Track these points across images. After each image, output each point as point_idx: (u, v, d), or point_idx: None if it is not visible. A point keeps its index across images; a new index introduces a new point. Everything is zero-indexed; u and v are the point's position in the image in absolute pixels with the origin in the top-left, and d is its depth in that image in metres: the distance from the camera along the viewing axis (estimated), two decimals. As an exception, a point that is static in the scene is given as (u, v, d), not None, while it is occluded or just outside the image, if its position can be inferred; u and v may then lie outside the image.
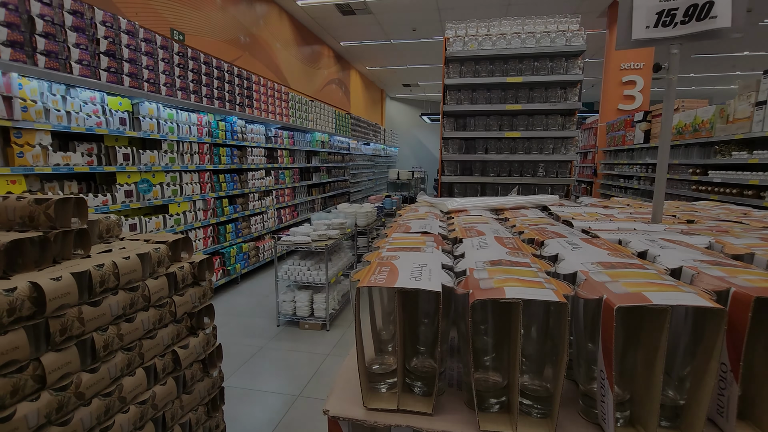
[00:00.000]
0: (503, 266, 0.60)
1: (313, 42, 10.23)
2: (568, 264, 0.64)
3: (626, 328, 0.48)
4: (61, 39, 3.25)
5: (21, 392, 1.10)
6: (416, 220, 0.99)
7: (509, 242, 0.77)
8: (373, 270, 0.57)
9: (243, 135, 5.86)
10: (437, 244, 0.75)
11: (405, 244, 0.73)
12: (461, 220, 1.04)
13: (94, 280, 1.29)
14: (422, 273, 0.55)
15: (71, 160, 3.33)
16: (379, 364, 0.56)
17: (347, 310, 4.69)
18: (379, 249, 0.73)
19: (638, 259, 0.65)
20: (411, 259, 0.62)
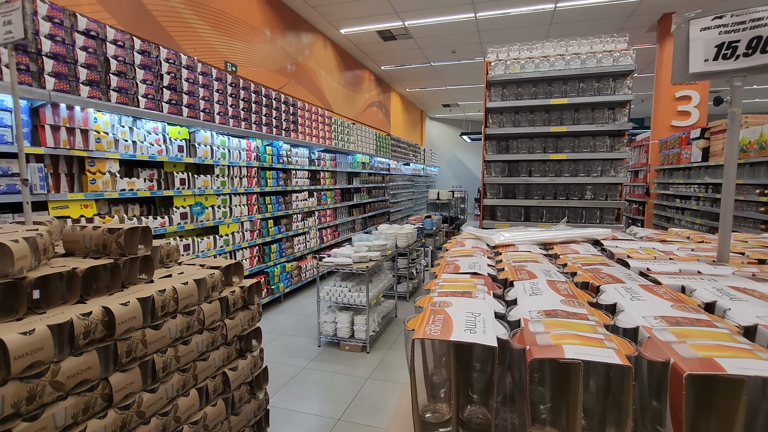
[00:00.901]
0: (560, 318, 0.59)
1: (355, 67, 10.57)
2: (629, 317, 0.62)
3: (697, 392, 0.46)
4: (131, 76, 3.58)
5: (91, 410, 1.18)
6: (464, 258, 0.99)
7: (563, 288, 0.75)
8: (427, 319, 0.58)
9: (288, 158, 6.10)
10: (488, 288, 0.74)
11: (456, 288, 0.74)
12: (510, 257, 1.03)
13: (156, 305, 1.38)
14: (476, 324, 0.55)
15: (135, 186, 3.61)
16: (432, 412, 0.57)
17: (387, 333, 4.67)
18: (430, 293, 0.74)
19: (706, 314, 0.62)
20: (464, 306, 0.62)
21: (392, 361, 3.94)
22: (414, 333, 0.55)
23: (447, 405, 0.55)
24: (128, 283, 1.46)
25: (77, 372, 1.13)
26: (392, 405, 3.18)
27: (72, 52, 3.10)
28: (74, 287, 1.27)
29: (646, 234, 1.49)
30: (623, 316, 0.63)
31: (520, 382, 0.52)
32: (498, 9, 7.42)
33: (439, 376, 0.55)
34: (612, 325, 0.62)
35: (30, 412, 1.03)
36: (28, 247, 1.17)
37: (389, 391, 3.38)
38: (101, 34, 3.32)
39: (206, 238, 4.40)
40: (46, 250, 1.30)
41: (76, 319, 1.14)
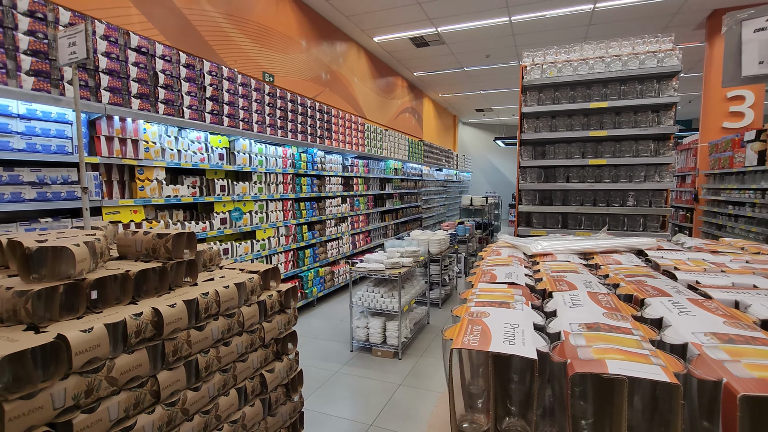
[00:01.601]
0: (602, 332, 0.57)
1: (388, 74, 10.66)
2: (676, 333, 0.59)
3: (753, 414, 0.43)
4: (176, 89, 3.78)
5: (141, 405, 1.25)
6: (501, 267, 0.98)
7: (605, 300, 0.73)
8: (465, 329, 0.58)
9: (322, 165, 6.22)
10: (526, 299, 0.73)
11: (493, 298, 0.73)
12: (548, 266, 1.00)
13: (200, 307, 1.45)
14: (515, 335, 0.55)
15: (179, 192, 3.79)
16: (470, 422, 0.56)
17: (419, 339, 4.64)
18: (467, 302, 0.74)
19: (762, 332, 0.58)
20: (502, 317, 0.62)
21: (424, 369, 3.91)
22: (452, 343, 0.55)
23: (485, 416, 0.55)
24: (175, 285, 1.54)
25: (129, 369, 1.21)
26: (424, 413, 3.16)
27: (125, 67, 3.32)
28: (127, 289, 1.35)
29: (694, 244, 1.41)
30: (670, 332, 0.61)
31: (560, 396, 0.51)
32: (533, 12, 7.29)
33: (477, 387, 0.55)
34: (658, 340, 0.60)
35: (88, 404, 1.11)
36: (87, 251, 1.27)
37: (422, 399, 3.36)
38: (151, 50, 3.54)
39: (244, 242, 4.55)
40: (102, 254, 1.40)
41: (129, 319, 1.22)
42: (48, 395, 1.01)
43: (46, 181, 2.80)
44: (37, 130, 2.75)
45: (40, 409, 0.99)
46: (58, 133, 2.86)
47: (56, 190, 2.85)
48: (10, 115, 2.62)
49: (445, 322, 5.26)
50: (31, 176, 2.72)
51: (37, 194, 2.74)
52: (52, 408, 1.01)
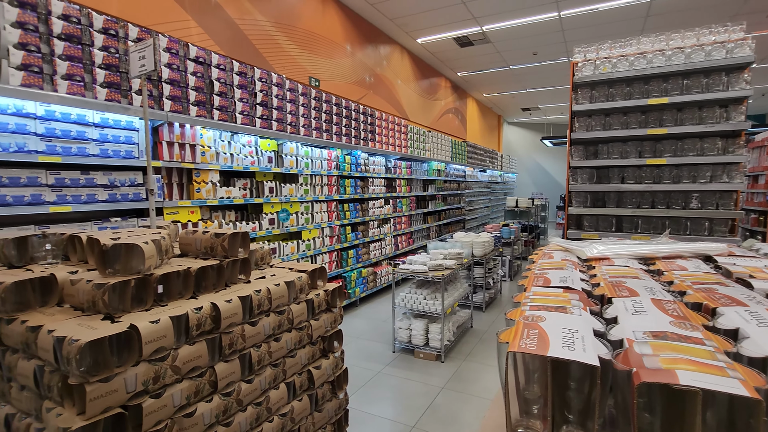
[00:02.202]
0: (670, 341, 0.54)
1: (431, 75, 10.61)
2: (756, 345, 0.54)
3: None
4: (230, 96, 3.99)
5: (200, 394, 1.33)
6: (554, 271, 0.95)
7: (671, 308, 0.68)
8: (520, 333, 0.57)
9: (366, 167, 6.30)
10: (584, 304, 0.71)
11: (548, 302, 0.71)
12: (605, 271, 0.96)
13: (253, 304, 1.52)
14: (574, 341, 0.53)
15: (232, 194, 3.99)
16: (525, 428, 0.55)
17: (462, 343, 4.57)
18: (521, 306, 0.73)
19: None
20: (559, 322, 0.60)
21: (468, 373, 3.85)
22: (508, 346, 0.54)
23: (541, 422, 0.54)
24: (230, 282, 1.63)
25: (191, 359, 1.29)
26: (467, 418, 3.11)
27: (184, 77, 3.55)
28: (188, 284, 1.44)
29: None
30: (749, 344, 0.56)
31: (624, 406, 0.49)
32: (584, 6, 6.97)
33: (532, 392, 0.54)
34: (734, 352, 0.55)
35: (155, 390, 1.20)
36: (154, 249, 1.37)
37: (465, 404, 3.31)
38: (207, 59, 3.75)
39: (290, 242, 4.71)
40: (167, 251, 1.50)
41: (191, 313, 1.30)
42: (122, 380, 1.10)
43: (116, 184, 3.05)
44: (109, 137, 3.00)
45: (115, 392, 1.08)
46: (126, 140, 3.10)
47: (124, 192, 3.09)
48: (86, 123, 2.88)
49: (489, 326, 5.15)
50: (103, 179, 2.97)
51: (109, 196, 2.99)
52: (125, 391, 1.11)
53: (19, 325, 1.19)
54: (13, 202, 2.50)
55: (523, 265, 8.91)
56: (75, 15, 2.80)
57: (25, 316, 1.22)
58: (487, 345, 4.53)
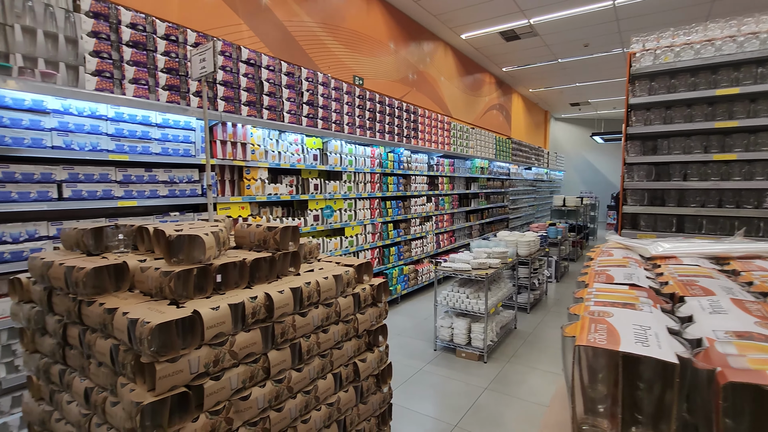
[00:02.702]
0: (756, 341, 0.50)
1: (475, 71, 10.42)
2: None
3: None
4: (278, 96, 4.12)
5: (255, 379, 1.40)
6: (617, 268, 0.90)
7: (754, 308, 0.63)
8: (587, 327, 0.55)
9: (408, 164, 6.30)
10: (653, 302, 0.67)
11: (614, 299, 0.68)
12: (673, 270, 0.90)
13: (303, 295, 1.57)
14: (647, 337, 0.51)
15: (279, 191, 4.13)
16: (591, 425, 0.53)
17: (505, 344, 4.47)
18: (583, 301, 0.70)
19: None
20: (628, 318, 0.58)
21: (512, 375, 3.76)
22: (576, 340, 0.53)
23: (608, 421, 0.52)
24: (281, 274, 1.69)
25: (246, 345, 1.35)
26: (511, 420, 3.04)
27: (237, 78, 3.71)
28: (244, 275, 1.51)
29: None
30: None
31: (704, 408, 0.46)
32: (643, -8, 6.56)
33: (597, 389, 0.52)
34: (831, 358, 0.50)
35: (215, 373, 1.27)
36: (214, 240, 1.44)
37: (508, 406, 3.24)
38: (257, 61, 3.90)
39: (334, 238, 4.80)
40: (224, 243, 1.59)
41: (247, 301, 1.36)
42: (186, 361, 1.17)
43: (175, 180, 3.24)
44: (169, 137, 3.20)
45: (180, 372, 1.15)
46: (184, 139, 3.30)
47: (182, 188, 3.29)
48: (150, 124, 3.08)
49: (534, 328, 4.99)
50: (164, 176, 3.18)
51: (168, 191, 3.19)
52: (189, 372, 1.18)
53: (98, 307, 1.30)
54: (87, 196, 2.74)
55: (570, 267, 8.55)
56: (141, 23, 3.01)
57: (103, 299, 1.33)
58: (532, 347, 4.40)
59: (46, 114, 2.57)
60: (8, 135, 2.41)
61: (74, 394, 1.45)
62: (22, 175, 2.46)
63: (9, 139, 2.41)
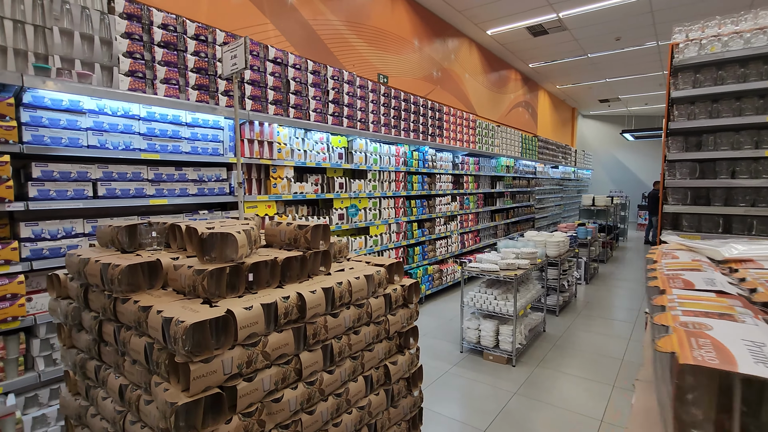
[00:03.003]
0: None
1: (500, 68, 10.21)
2: None
3: None
4: (304, 94, 4.12)
5: (287, 381, 1.36)
6: (691, 272, 0.82)
7: None
8: (687, 342, 0.48)
9: (433, 163, 6.21)
10: (753, 313, 0.59)
11: (705, 308, 0.61)
12: (757, 275, 0.81)
13: (335, 295, 1.53)
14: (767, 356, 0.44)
15: (304, 189, 4.13)
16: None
17: (534, 347, 4.33)
18: (667, 310, 0.62)
19: None
20: (733, 331, 0.50)
21: (542, 380, 3.64)
22: (678, 356, 0.46)
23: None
24: (312, 273, 1.65)
25: (279, 346, 1.32)
26: (541, 427, 2.93)
27: (264, 77, 3.72)
28: (275, 274, 1.49)
29: None
30: None
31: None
32: (681, -19, 6.26)
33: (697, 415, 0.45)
34: None
35: (248, 374, 1.24)
36: (245, 238, 1.42)
37: (539, 412, 3.12)
38: (284, 60, 3.90)
39: (359, 237, 4.77)
40: (255, 241, 1.56)
41: (280, 301, 1.33)
42: (220, 362, 1.15)
43: (204, 179, 3.28)
44: (198, 136, 3.23)
45: (214, 373, 1.13)
46: (213, 138, 3.32)
47: (211, 186, 3.32)
48: (180, 123, 3.12)
49: (564, 331, 4.83)
50: (193, 174, 3.21)
51: (198, 190, 3.23)
52: (222, 373, 1.16)
53: (132, 305, 1.29)
54: (121, 194, 2.79)
55: (600, 269, 8.27)
56: (172, 24, 3.05)
57: (137, 297, 1.33)
58: (562, 351, 4.25)
59: (82, 114, 2.63)
60: (47, 135, 2.47)
61: (109, 390, 1.45)
62: (59, 173, 2.52)
63: (48, 139, 2.47)
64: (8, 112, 2.27)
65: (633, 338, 4.64)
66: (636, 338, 4.63)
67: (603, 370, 3.83)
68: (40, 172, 2.44)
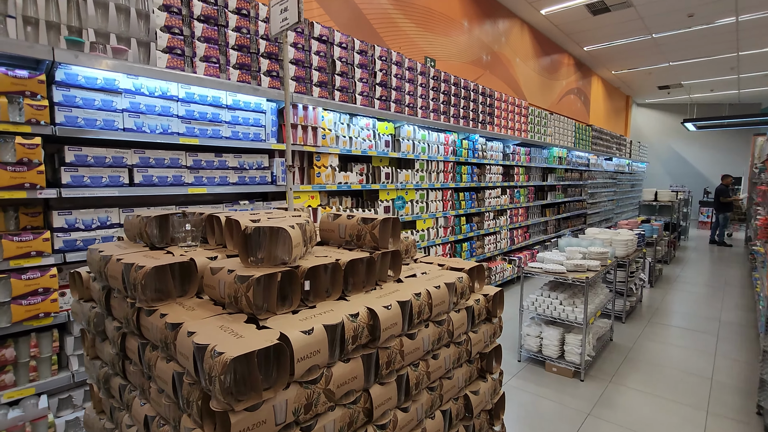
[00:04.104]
0: None
1: (553, 51, 9.48)
2: None
3: None
4: (350, 76, 3.78)
5: (354, 425, 1.03)
6: None
7: None
8: None
9: (483, 153, 5.74)
10: None
11: None
12: None
13: (413, 311, 1.18)
14: None
15: (349, 179, 3.81)
16: None
17: (603, 359, 3.83)
18: None
19: None
20: None
21: (617, 398, 3.16)
22: None
23: None
24: (380, 280, 1.31)
25: (345, 381, 0.99)
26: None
27: (308, 57, 3.41)
28: (337, 281, 1.15)
29: None
30: None
31: None
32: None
33: None
34: None
35: (306, 421, 0.91)
36: (300, 235, 1.09)
37: (624, 441, 2.67)
38: (330, 38, 3.58)
39: (405, 232, 4.42)
40: (311, 238, 1.24)
41: (347, 321, 0.99)
42: (270, 408, 0.82)
43: (245, 167, 3.02)
44: (239, 120, 2.97)
45: (263, 424, 0.81)
46: (255, 122, 3.06)
47: (252, 174, 3.06)
48: (220, 106, 2.87)
49: (633, 341, 4.29)
50: (234, 162, 2.96)
51: (238, 178, 2.97)
52: (274, 423, 0.83)
53: (158, 319, 0.99)
54: (158, 182, 2.56)
55: (664, 270, 7.51)
56: (212, -5, 2.78)
57: (165, 309, 1.03)
58: (636, 365, 3.73)
59: (117, 94, 2.41)
60: (81, 116, 2.27)
61: (134, 417, 1.18)
62: (94, 158, 2.32)
63: (82, 121, 2.27)
64: (39, 90, 2.07)
65: (719, 353, 4.03)
66: (724, 353, 4.02)
67: (691, 392, 3.30)
68: (73, 156, 2.24)
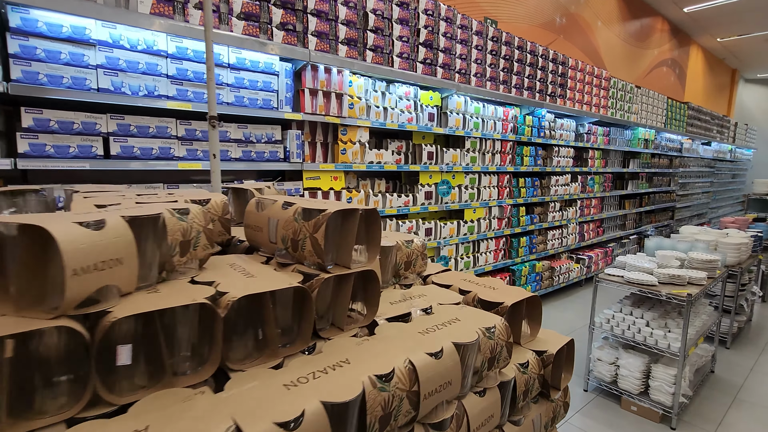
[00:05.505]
0: None
1: (643, 14, 8.01)
2: None
3: None
4: (387, 32, 3.13)
5: None
6: None
7: None
8: None
9: (551, 131, 4.83)
10: None
11: None
12: None
13: (366, 418, 0.56)
14: None
15: (383, 158, 3.20)
16: None
17: (702, 398, 2.93)
18: None
19: None
20: None
21: (730, 466, 2.31)
22: None
23: None
24: (326, 331, 0.70)
25: None
26: None
27: (334, 8, 2.81)
28: (214, 346, 0.56)
29: None
30: None
31: None
32: None
33: None
34: None
35: None
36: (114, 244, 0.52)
37: None
38: (362, -15, 2.95)
39: (450, 222, 3.74)
40: (192, 244, 0.65)
41: None
42: None
43: (251, 140, 2.53)
44: (245, 82, 2.47)
45: None
46: (264, 86, 2.54)
47: (260, 149, 2.56)
48: (221, 64, 2.38)
49: (745, 377, 3.29)
50: (237, 133, 2.48)
51: (242, 153, 2.49)
52: None
53: None
54: (140, 155, 2.14)
55: (779, 281, 6.06)
56: (209, -75, 2.26)
57: None
58: (750, 410, 2.79)
59: (90, 46, 1.99)
60: (43, 72, 1.87)
61: None
62: (58, 123, 1.93)
63: (44, 77, 1.87)
64: (-17, 37, 1.69)
65: None
66: None
67: (843, 465, 2.34)
68: (32, 120, 1.87)
